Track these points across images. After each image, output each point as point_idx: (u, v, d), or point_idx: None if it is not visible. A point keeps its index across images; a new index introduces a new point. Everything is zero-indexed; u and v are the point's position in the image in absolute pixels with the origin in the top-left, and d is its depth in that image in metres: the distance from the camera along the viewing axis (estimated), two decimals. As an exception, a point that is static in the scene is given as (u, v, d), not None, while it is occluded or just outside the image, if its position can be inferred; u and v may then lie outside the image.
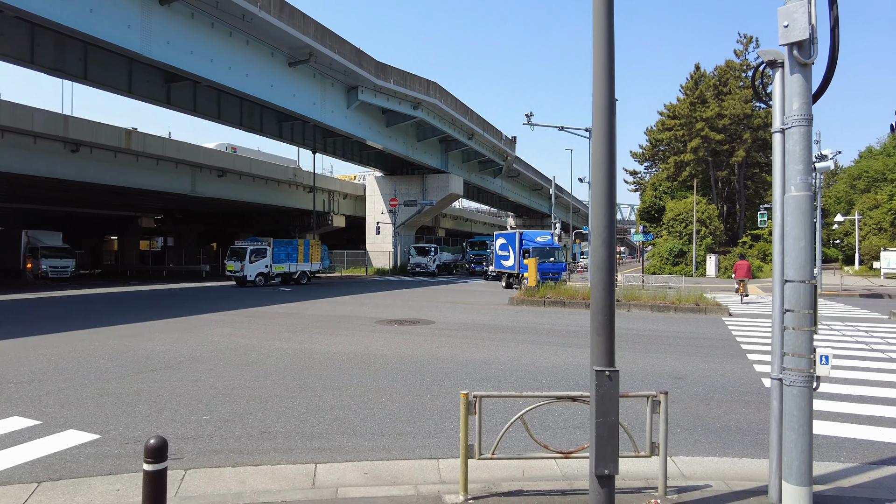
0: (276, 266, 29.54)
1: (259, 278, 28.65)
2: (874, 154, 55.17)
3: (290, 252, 30.54)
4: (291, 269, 30.68)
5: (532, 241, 27.18)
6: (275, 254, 29.37)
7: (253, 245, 28.77)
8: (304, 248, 31.62)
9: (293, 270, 30.79)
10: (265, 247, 28.95)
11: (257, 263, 28.44)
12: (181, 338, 11.47)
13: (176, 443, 5.23)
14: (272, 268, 29.28)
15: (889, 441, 5.44)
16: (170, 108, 25.51)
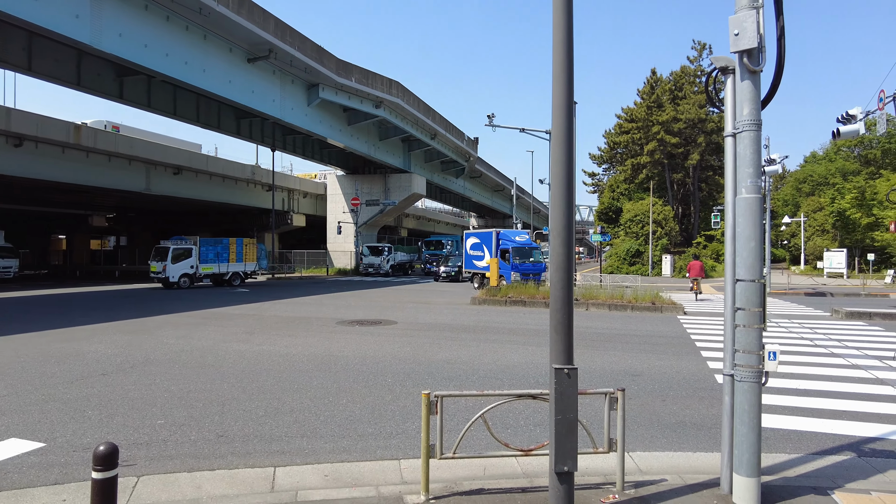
0: (203, 266, 27.98)
1: (184, 280, 27.09)
2: (818, 159, 57.81)
3: (220, 252, 28.99)
4: (222, 269, 29.06)
5: (511, 241, 26.42)
6: (202, 253, 27.90)
7: (177, 244, 27.18)
8: (236, 247, 29.98)
9: (224, 271, 29.21)
10: (190, 246, 27.50)
11: (181, 264, 26.91)
12: (134, 340, 11.09)
13: (128, 449, 5.06)
14: (199, 268, 27.72)
15: (830, 432, 5.71)
16: (122, 103, 24.65)
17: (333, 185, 44.99)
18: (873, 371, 8.59)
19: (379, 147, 39.21)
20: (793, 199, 53.48)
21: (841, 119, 15.42)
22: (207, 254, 28.29)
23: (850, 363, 9.18)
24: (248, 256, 30.90)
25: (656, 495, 4.12)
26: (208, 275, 28.63)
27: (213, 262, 28.67)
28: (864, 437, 5.58)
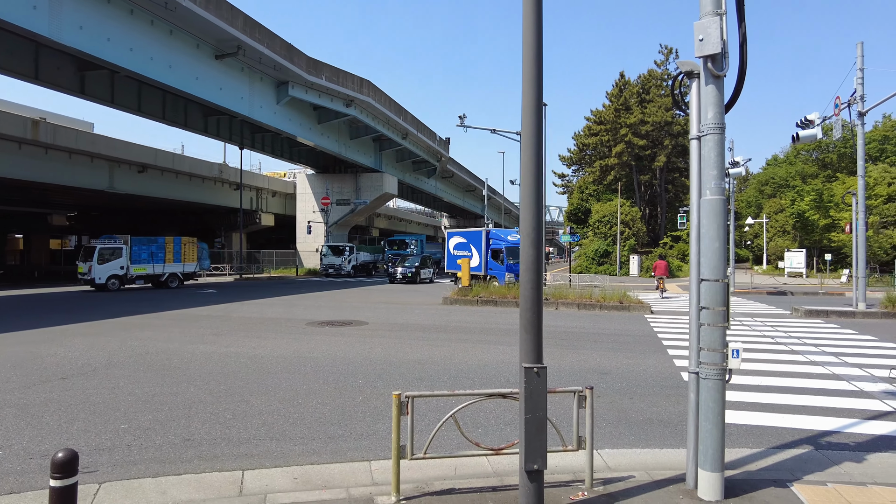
0: (135, 267, 25.91)
1: (112, 281, 25.01)
2: (779, 162, 59.60)
3: (155, 251, 26.91)
4: (157, 270, 26.92)
5: (504, 241, 24.82)
6: (134, 253, 25.87)
7: (104, 244, 25.25)
8: (173, 246, 27.84)
9: (160, 272, 27.07)
10: (120, 245, 25.51)
11: (110, 264, 24.92)
12: (97, 342, 10.78)
13: (89, 455, 4.91)
14: (130, 269, 25.66)
15: (789, 426, 5.89)
16: (85, 98, 23.91)
17: (303, 185, 44.49)
18: (830, 367, 8.90)
19: (350, 146, 38.92)
20: (755, 201, 55.01)
21: (800, 124, 15.94)
22: (140, 253, 26.26)
23: (808, 360, 9.50)
24: (188, 256, 28.67)
25: (624, 492, 4.19)
26: (142, 276, 26.59)
27: (147, 263, 26.56)
28: (821, 431, 5.78)
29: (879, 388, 7.53)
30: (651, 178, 53.76)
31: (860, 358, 9.67)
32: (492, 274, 24.05)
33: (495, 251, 24.58)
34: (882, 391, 7.40)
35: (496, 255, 24.46)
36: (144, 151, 33.77)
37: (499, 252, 24.42)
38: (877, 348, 10.76)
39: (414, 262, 33.17)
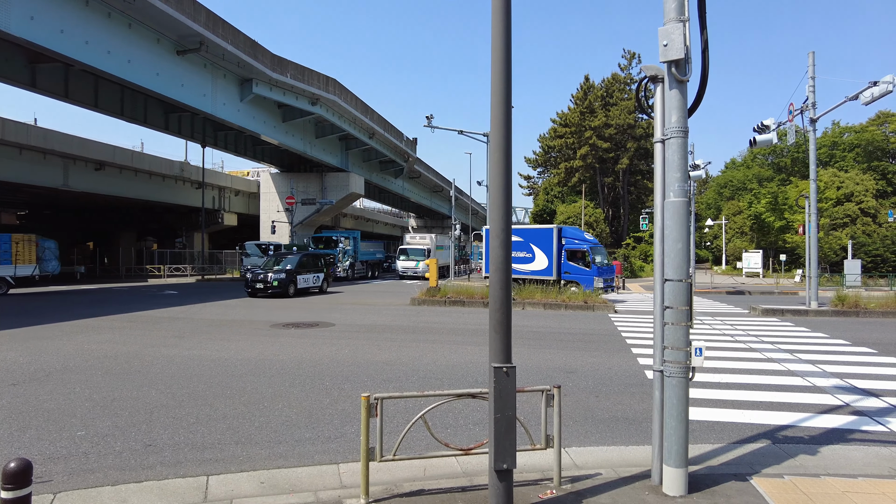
0: None
1: None
2: (737, 165, 61.57)
3: None
4: None
5: (582, 240, 22.20)
6: None
7: None
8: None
9: None
10: None
11: None
12: (50, 346, 10.37)
13: (43, 464, 4.72)
14: None
15: (748, 422, 6.08)
16: (35, 92, 22.95)
17: (267, 184, 43.74)
18: (785, 364, 9.22)
19: (315, 145, 38.46)
20: (715, 203, 56.67)
21: (757, 129, 16.49)
22: None
23: (765, 357, 9.82)
24: (24, 256, 23.56)
25: (591, 489, 4.25)
26: None
27: None
28: (778, 426, 5.99)
29: (831, 384, 7.85)
30: (614, 180, 54.81)
31: (813, 355, 10.05)
32: (569, 279, 21.05)
33: (573, 252, 21.62)
34: (833, 386, 7.71)
35: (574, 256, 21.57)
36: (102, 148, 32.67)
37: (579, 253, 21.53)
38: (828, 345, 11.20)
39: (286, 265, 22.81)
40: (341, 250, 36.72)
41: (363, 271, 39.79)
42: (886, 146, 51.56)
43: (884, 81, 15.07)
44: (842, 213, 44.68)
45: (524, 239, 22.42)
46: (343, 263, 36.03)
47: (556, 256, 21.53)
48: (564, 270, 21.53)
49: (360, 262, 39.44)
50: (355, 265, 38.19)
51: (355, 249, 38.94)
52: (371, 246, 44.33)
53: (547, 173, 60.02)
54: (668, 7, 4.22)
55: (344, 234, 39.54)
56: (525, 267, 22.10)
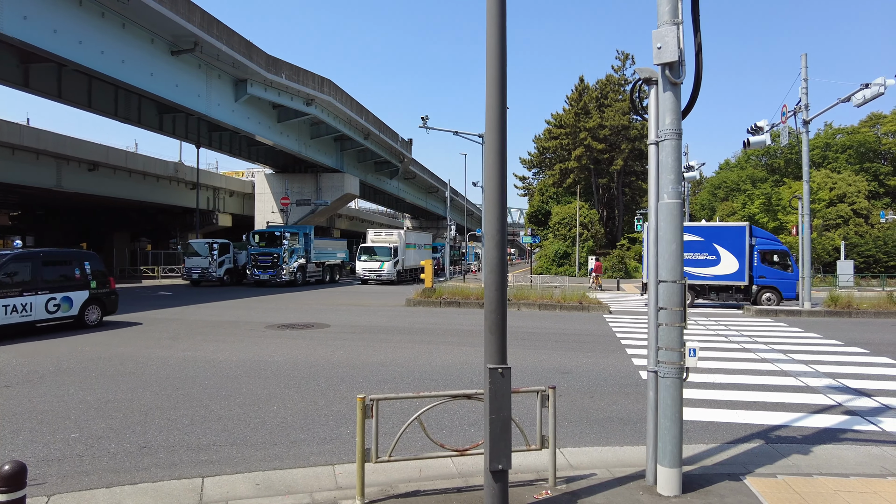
0: None
1: None
2: (731, 167, 61.84)
3: None
4: None
5: (772, 239, 19.97)
6: None
7: None
8: None
9: None
10: None
11: None
12: (43, 348, 10.32)
13: (37, 466, 4.70)
14: None
15: (742, 421, 6.12)
16: (28, 92, 22.82)
17: (262, 184, 43.63)
18: (779, 364, 9.28)
19: (310, 145, 38.39)
20: (709, 204, 56.87)
21: (751, 130, 16.58)
22: None
23: (759, 357, 9.88)
24: None
25: (586, 489, 4.27)
26: None
27: None
28: (771, 426, 6.03)
29: (824, 384, 7.90)
30: (609, 181, 54.93)
31: (806, 355, 10.12)
32: (764, 283, 18.75)
33: (768, 252, 19.14)
34: (826, 386, 7.76)
35: (769, 257, 19.09)
36: (95, 149, 32.49)
37: (777, 254, 19.20)
38: (821, 345, 11.27)
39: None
40: (286, 249, 30.00)
41: (318, 274, 32.97)
42: (878, 148, 51.91)
43: (875, 84, 15.19)
44: (834, 214, 44.92)
45: (705, 238, 19.28)
46: (289, 265, 30.00)
47: (747, 258, 18.83)
48: (758, 275, 18.88)
49: (315, 263, 32.48)
50: (307, 267, 31.59)
51: (307, 248, 31.85)
52: (331, 244, 36.90)
53: (542, 174, 60.11)
54: (662, 10, 4.25)
55: (291, 230, 31.65)
56: (707, 271, 19.10)
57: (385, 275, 32.21)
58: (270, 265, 29.86)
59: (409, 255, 35.40)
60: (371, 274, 32.49)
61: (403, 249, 34.36)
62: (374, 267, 32.45)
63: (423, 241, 40.60)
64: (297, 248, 30.92)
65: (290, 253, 30.19)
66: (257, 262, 30.16)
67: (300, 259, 31.01)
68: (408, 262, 35.10)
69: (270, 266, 29.84)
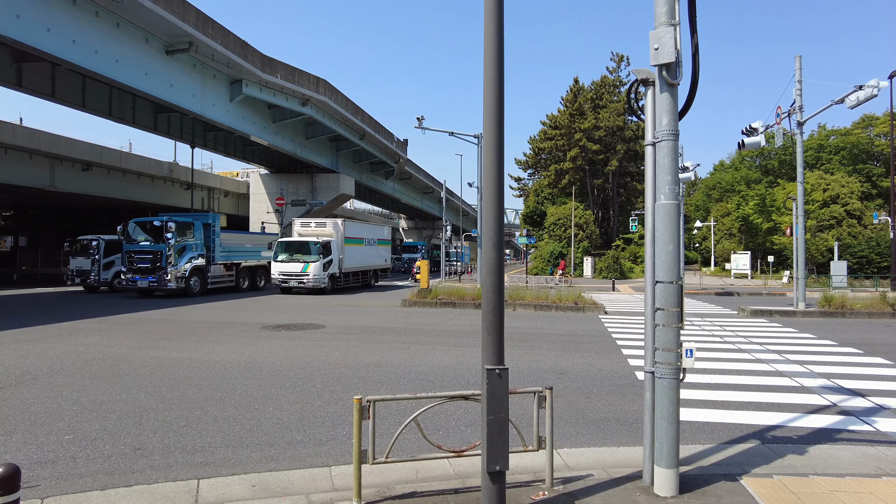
0: None
1: None
2: (725, 168, 62.11)
3: None
4: None
5: None
6: None
7: None
8: None
9: None
10: None
11: None
12: (37, 349, 10.24)
13: (30, 469, 4.67)
14: None
15: (738, 422, 6.13)
16: (22, 91, 22.67)
17: (257, 184, 43.52)
18: (774, 364, 9.31)
19: (306, 146, 38.33)
20: (704, 205, 57.08)
21: (745, 131, 16.65)
22: None
23: (754, 358, 9.91)
24: None
25: (583, 490, 4.27)
26: None
27: None
28: (767, 426, 6.04)
29: (818, 384, 7.93)
30: (604, 181, 55.05)
31: (801, 355, 10.16)
32: None
33: None
34: (821, 386, 7.79)
35: None
36: (89, 148, 32.35)
37: None
38: (815, 345, 11.32)
39: None
40: (173, 245, 21.99)
41: (229, 280, 25.38)
42: (871, 149, 52.23)
43: (869, 85, 15.27)
44: (828, 215, 45.16)
45: None
46: (177, 268, 22.03)
47: None
48: None
49: (224, 264, 24.96)
50: (208, 270, 23.91)
51: (210, 244, 24.24)
52: (251, 239, 28.90)
53: (537, 175, 60.19)
54: (659, 11, 4.26)
55: (182, 218, 23.74)
56: None
57: (311, 280, 24.15)
58: (151, 268, 21.81)
59: (351, 254, 27.17)
60: (292, 279, 24.44)
61: (340, 246, 26.06)
62: (294, 269, 24.36)
63: (377, 236, 31.57)
64: (190, 244, 22.94)
65: (179, 251, 22.25)
66: (132, 264, 22.15)
67: (197, 259, 23.13)
68: (350, 263, 27.06)
69: (151, 269, 21.78)
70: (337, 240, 26.00)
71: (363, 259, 28.90)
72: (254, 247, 27.93)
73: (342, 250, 26.10)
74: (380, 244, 31.87)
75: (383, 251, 32.62)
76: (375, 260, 30.74)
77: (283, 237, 28.62)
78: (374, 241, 30.80)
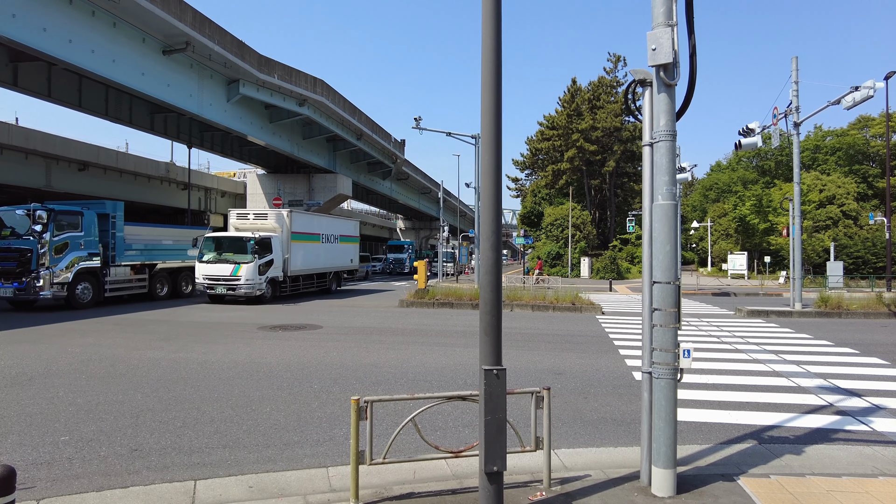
0: None
1: None
2: (722, 168, 62.27)
3: None
4: None
5: None
6: None
7: None
8: None
9: None
10: None
11: None
12: (32, 350, 10.20)
13: (26, 470, 4.64)
14: None
15: (735, 422, 6.14)
16: (17, 91, 22.61)
17: (254, 185, 43.46)
18: (770, 364, 9.33)
19: (303, 146, 38.28)
20: (700, 205, 57.24)
21: (742, 132, 16.69)
22: None
23: (751, 358, 9.93)
24: None
25: (581, 490, 4.27)
26: None
27: None
28: (764, 426, 6.05)
29: (815, 384, 7.95)
30: (601, 182, 55.16)
31: (797, 355, 10.18)
32: None
33: None
34: (817, 386, 7.81)
35: None
36: (85, 148, 32.25)
37: None
38: (812, 345, 11.35)
39: None
40: (48, 241, 16.74)
41: (137, 287, 19.97)
42: (867, 150, 52.41)
43: (864, 86, 15.33)
44: (824, 216, 45.29)
45: None
46: (52, 271, 16.68)
47: None
48: None
49: (130, 266, 19.68)
50: (106, 273, 18.63)
51: (108, 240, 18.95)
52: (173, 234, 22.57)
53: (534, 175, 60.27)
54: (657, 12, 4.26)
55: (66, 207, 18.27)
56: None
57: (243, 286, 19.33)
58: (17, 271, 16.41)
59: (302, 253, 22.44)
60: (219, 284, 19.55)
61: (286, 243, 21.31)
62: (222, 273, 19.52)
63: (338, 231, 26.22)
64: (76, 240, 17.53)
65: (57, 248, 16.96)
66: None
67: (88, 260, 17.87)
68: (301, 264, 22.35)
69: (17, 272, 16.39)
70: (282, 235, 21.24)
71: (319, 259, 24.05)
72: (175, 244, 22.02)
73: (288, 248, 21.23)
74: (344, 241, 26.74)
75: (349, 250, 27.46)
76: (336, 260, 25.83)
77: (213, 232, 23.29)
78: (334, 238, 25.52)
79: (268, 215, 22.09)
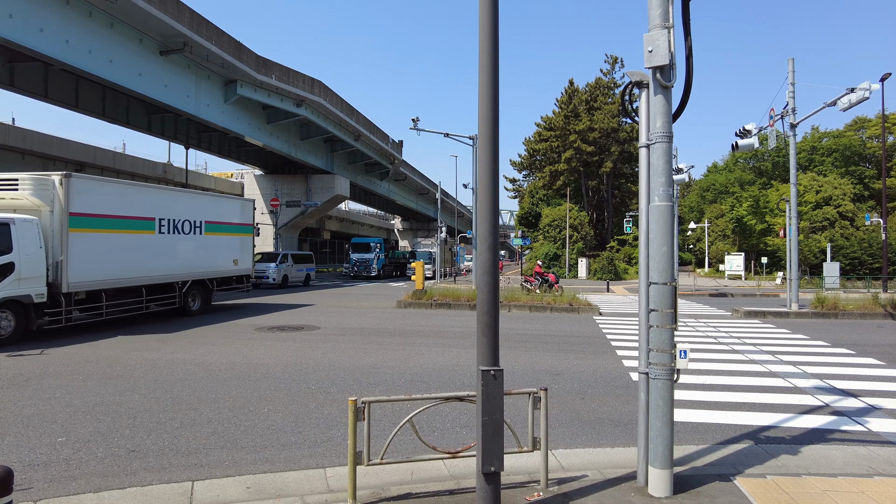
0: None
1: None
2: (719, 169, 62.42)
3: None
4: None
5: None
6: None
7: None
8: None
9: None
10: None
11: None
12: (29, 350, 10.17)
13: (23, 471, 4.64)
14: None
15: (731, 423, 6.16)
16: (14, 91, 22.58)
17: (251, 185, 43.45)
18: (767, 365, 9.36)
19: (300, 147, 38.28)
20: (697, 206, 57.36)
21: (739, 133, 16.73)
22: None
23: (748, 359, 9.96)
24: None
25: (578, 491, 4.28)
26: None
27: None
28: (760, 426, 6.07)
29: (811, 385, 7.98)
30: (598, 183, 55.25)
31: (794, 356, 10.21)
32: None
33: None
34: (813, 387, 7.83)
35: None
36: (82, 149, 32.18)
37: None
38: (808, 346, 11.39)
39: None
40: None
41: None
42: (863, 151, 52.62)
43: (861, 88, 15.38)
44: (821, 217, 45.44)
45: None
46: None
47: None
48: None
49: None
50: None
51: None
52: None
53: (532, 176, 60.33)
54: (654, 14, 4.28)
55: None
56: None
57: None
58: None
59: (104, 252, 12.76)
60: None
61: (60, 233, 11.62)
62: None
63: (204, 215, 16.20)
64: None
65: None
66: None
67: None
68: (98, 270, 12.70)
69: None
70: (48, 220, 11.63)
71: (154, 261, 14.42)
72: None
73: (64, 241, 11.69)
74: (218, 232, 16.83)
75: (231, 245, 17.62)
76: (201, 262, 16.15)
77: None
78: (193, 226, 15.69)
79: (17, 183, 11.64)
